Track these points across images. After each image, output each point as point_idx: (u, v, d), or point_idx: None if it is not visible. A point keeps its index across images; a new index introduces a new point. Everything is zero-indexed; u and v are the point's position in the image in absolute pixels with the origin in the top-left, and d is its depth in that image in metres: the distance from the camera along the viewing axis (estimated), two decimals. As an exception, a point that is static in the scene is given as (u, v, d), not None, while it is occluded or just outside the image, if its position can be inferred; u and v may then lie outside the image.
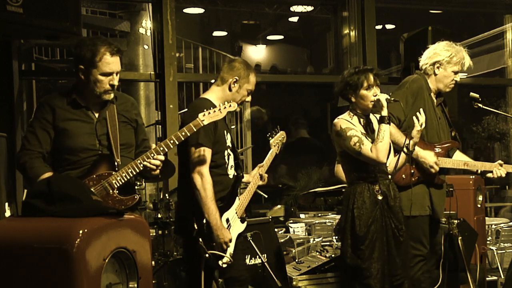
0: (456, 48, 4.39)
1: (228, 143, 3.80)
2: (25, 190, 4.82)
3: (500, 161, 4.44)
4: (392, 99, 3.95)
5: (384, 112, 3.84)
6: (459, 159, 4.44)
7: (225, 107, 3.43)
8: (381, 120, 3.85)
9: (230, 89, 3.75)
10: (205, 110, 3.39)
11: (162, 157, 3.32)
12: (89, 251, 2.36)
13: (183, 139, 3.36)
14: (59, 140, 3.36)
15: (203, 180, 3.56)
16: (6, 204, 4.57)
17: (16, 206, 5.06)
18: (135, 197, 3.34)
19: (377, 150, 3.80)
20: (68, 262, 2.32)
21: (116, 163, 3.33)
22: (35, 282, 2.38)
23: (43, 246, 2.39)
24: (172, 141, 3.33)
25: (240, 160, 3.98)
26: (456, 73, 4.35)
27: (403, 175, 4.22)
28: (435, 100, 4.41)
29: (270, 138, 4.10)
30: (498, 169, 4.39)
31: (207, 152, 3.61)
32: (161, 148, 3.31)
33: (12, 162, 4.79)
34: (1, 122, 5.96)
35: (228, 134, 3.82)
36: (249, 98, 3.84)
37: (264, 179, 4.01)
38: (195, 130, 3.36)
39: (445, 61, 4.34)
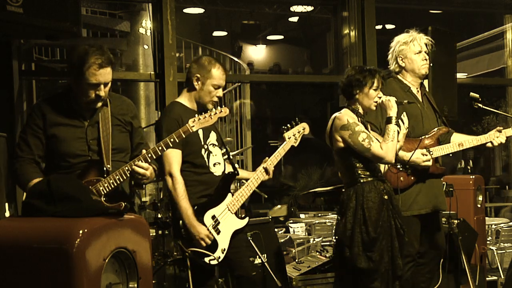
0: (406, 34, 4.37)
1: (209, 141, 3.75)
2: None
3: (498, 128, 4.30)
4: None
5: (393, 113, 3.80)
6: (457, 140, 4.34)
7: (215, 113, 3.37)
8: (388, 121, 3.81)
9: (194, 88, 3.74)
10: (196, 115, 3.32)
11: (145, 165, 3.19)
12: (89, 251, 2.36)
13: (171, 145, 3.27)
14: (50, 145, 3.29)
15: (173, 180, 3.58)
16: (6, 204, 4.57)
17: (16, 206, 5.06)
18: (121, 204, 3.07)
19: (387, 149, 3.75)
20: (68, 262, 2.32)
21: (105, 169, 3.23)
22: (35, 282, 2.38)
23: (43, 246, 2.39)
24: (160, 148, 3.25)
25: (232, 157, 3.91)
26: (419, 52, 4.31)
27: (401, 178, 4.15)
28: (417, 93, 4.37)
29: (285, 130, 4.03)
30: (496, 137, 4.25)
31: (175, 153, 3.59)
32: (149, 155, 3.21)
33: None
34: (1, 122, 5.95)
35: (212, 131, 3.78)
36: (220, 93, 3.76)
37: (269, 173, 3.88)
38: (184, 136, 3.28)
39: (403, 50, 4.33)
